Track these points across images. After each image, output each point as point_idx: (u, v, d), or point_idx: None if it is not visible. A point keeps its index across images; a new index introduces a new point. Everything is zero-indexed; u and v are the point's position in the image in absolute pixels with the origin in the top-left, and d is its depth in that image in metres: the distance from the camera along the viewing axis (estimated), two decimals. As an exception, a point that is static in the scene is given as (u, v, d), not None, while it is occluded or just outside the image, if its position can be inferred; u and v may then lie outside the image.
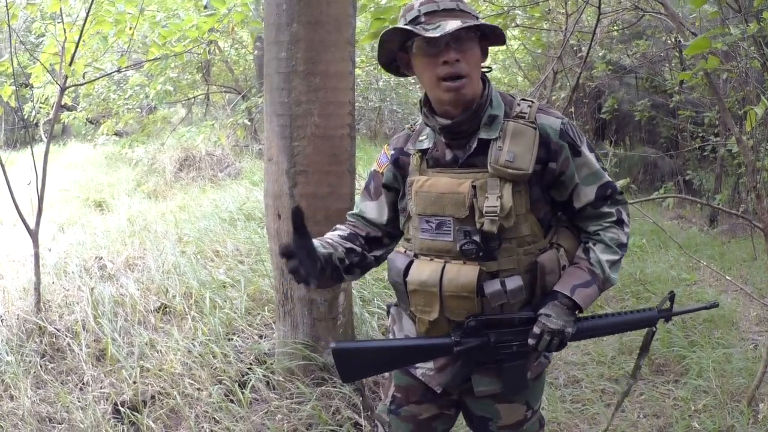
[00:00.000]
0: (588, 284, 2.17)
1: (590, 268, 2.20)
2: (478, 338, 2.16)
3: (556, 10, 9.47)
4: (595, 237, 2.25)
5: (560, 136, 2.15)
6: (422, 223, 2.19)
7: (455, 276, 2.11)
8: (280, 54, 3.89)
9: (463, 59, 2.04)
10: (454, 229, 2.13)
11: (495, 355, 2.18)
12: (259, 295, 5.43)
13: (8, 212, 8.22)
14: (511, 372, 2.23)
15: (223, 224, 7.62)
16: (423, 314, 2.19)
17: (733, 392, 4.27)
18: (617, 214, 2.26)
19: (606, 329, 2.33)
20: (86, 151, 15.37)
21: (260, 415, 3.92)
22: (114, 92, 13.13)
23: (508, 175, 2.07)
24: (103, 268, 6.24)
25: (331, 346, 2.18)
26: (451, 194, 2.11)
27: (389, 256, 2.34)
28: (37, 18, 8.17)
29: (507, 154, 2.08)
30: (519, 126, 2.12)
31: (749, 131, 6.60)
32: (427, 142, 2.23)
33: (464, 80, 2.06)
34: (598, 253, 2.22)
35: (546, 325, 2.11)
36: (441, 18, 2.02)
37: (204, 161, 12.08)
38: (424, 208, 2.17)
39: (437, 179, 2.16)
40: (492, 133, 2.12)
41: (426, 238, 2.19)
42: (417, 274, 2.17)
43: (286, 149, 3.94)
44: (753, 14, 5.98)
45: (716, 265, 7.16)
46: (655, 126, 13.28)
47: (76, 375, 4.50)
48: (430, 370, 2.31)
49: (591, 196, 2.22)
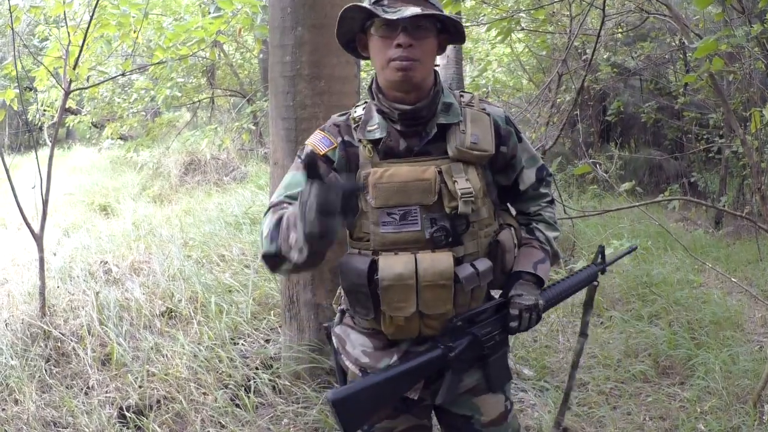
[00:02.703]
0: (544, 260, 2.30)
1: (542, 246, 2.34)
2: (465, 338, 2.16)
3: (561, 13, 9.46)
4: (536, 217, 2.39)
5: (506, 122, 2.25)
6: (383, 217, 2.10)
7: (430, 264, 2.06)
8: (284, 57, 3.90)
9: (416, 45, 2.04)
10: (421, 217, 2.09)
11: (481, 350, 2.20)
12: (265, 299, 5.43)
13: (13, 216, 8.23)
14: (495, 364, 2.25)
15: (228, 228, 7.62)
16: (397, 311, 2.09)
17: (738, 393, 4.26)
18: (550, 194, 2.43)
19: (563, 294, 2.50)
20: (91, 155, 15.39)
21: (266, 420, 3.93)
22: (119, 96, 13.15)
23: (473, 157, 2.11)
24: (108, 272, 6.24)
25: (328, 398, 2.04)
26: (416, 181, 2.07)
27: (341, 260, 2.20)
28: (41, 21, 8.18)
29: (471, 136, 2.11)
30: (475, 112, 2.17)
31: (754, 132, 6.60)
32: (378, 132, 2.16)
33: (415, 62, 2.04)
34: (544, 231, 2.37)
35: (521, 304, 2.20)
36: (403, 3, 2.02)
37: (209, 165, 12.09)
38: (386, 199, 2.08)
39: (397, 168, 2.10)
40: (452, 118, 2.15)
41: (389, 231, 2.10)
42: (389, 269, 2.07)
43: (292, 153, 3.94)
44: (756, 15, 5.98)
45: (722, 266, 7.15)
46: (660, 128, 13.26)
47: (81, 379, 4.50)
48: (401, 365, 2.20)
49: (533, 178, 2.34)
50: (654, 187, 12.62)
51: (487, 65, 12.31)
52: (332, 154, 2.20)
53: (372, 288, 2.11)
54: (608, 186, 9.10)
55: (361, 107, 2.25)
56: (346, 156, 2.20)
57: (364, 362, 2.24)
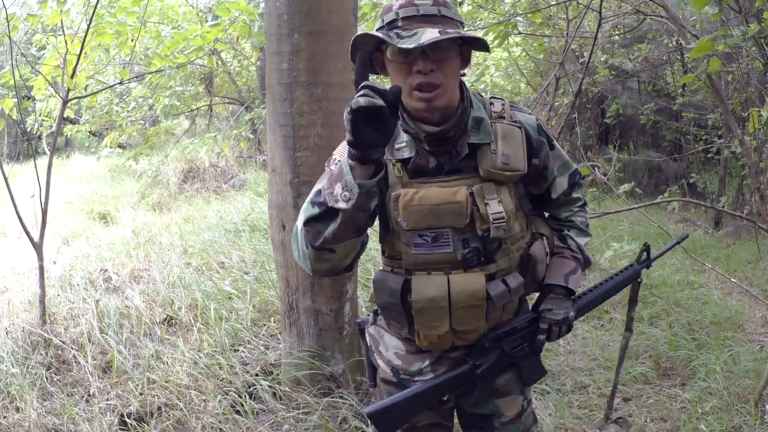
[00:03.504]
0: (575, 270, 2.28)
1: (573, 255, 2.30)
2: (493, 353, 2.17)
3: (558, 16, 9.48)
4: (568, 224, 2.35)
5: (538, 132, 2.17)
6: (415, 238, 2.07)
7: (463, 287, 2.05)
8: (281, 65, 3.89)
9: (438, 69, 1.94)
10: (453, 239, 2.05)
11: (511, 361, 2.22)
12: (265, 306, 5.43)
13: (12, 225, 8.24)
14: (528, 366, 2.28)
15: (227, 235, 7.62)
16: (430, 330, 2.11)
17: (740, 394, 4.25)
18: (582, 197, 2.39)
19: (600, 299, 2.48)
20: (90, 164, 15.42)
21: (267, 426, 3.92)
22: (117, 105, 13.16)
23: (505, 177, 2.05)
24: (108, 280, 6.24)
25: (366, 412, 2.15)
26: (447, 204, 2.02)
27: (376, 277, 2.20)
28: (38, 30, 8.19)
29: (502, 156, 2.04)
30: (506, 127, 2.09)
31: (752, 132, 6.60)
32: (407, 151, 2.08)
33: (438, 91, 1.95)
34: (575, 239, 2.33)
35: (551, 319, 2.21)
36: (419, 24, 1.89)
37: (208, 173, 12.10)
38: (417, 222, 2.04)
39: (427, 190, 2.04)
40: (484, 137, 2.06)
41: (421, 252, 2.08)
42: (422, 292, 2.07)
43: (290, 160, 3.94)
44: (753, 15, 5.99)
45: (721, 267, 7.15)
46: (659, 130, 13.28)
47: (82, 387, 4.49)
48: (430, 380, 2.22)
49: (565, 185, 2.29)
50: (653, 189, 12.64)
51: (484, 70, 12.31)
52: None
53: (406, 307, 2.11)
54: (607, 188, 9.12)
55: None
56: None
57: (396, 364, 2.27)
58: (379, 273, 2.20)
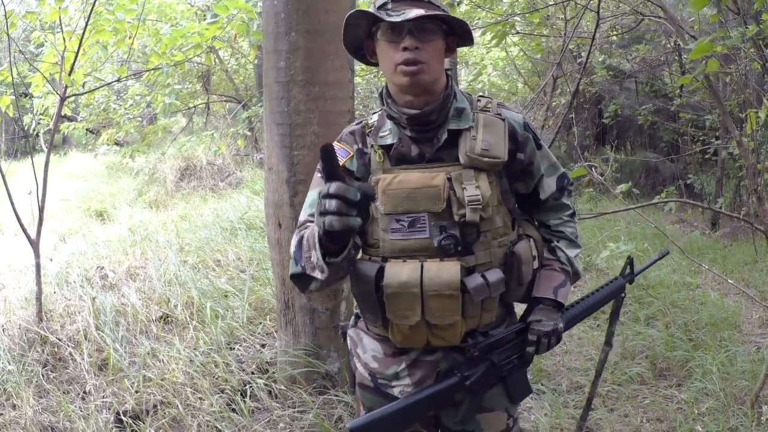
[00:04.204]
0: (564, 283, 2.25)
1: (562, 267, 2.28)
2: (483, 365, 2.14)
3: (555, 16, 9.49)
4: (558, 233, 2.33)
5: (524, 128, 2.18)
6: (392, 223, 2.07)
7: (436, 273, 2.02)
8: (278, 63, 3.89)
9: (423, 48, 2.00)
10: (430, 224, 2.05)
11: (500, 374, 2.19)
12: (261, 304, 5.44)
13: (9, 222, 8.23)
14: (515, 382, 2.24)
15: (224, 233, 7.63)
16: (402, 319, 2.08)
17: (736, 395, 4.26)
18: (572, 205, 2.37)
19: (587, 312, 2.48)
20: (87, 161, 15.41)
21: (262, 424, 3.92)
22: (114, 102, 13.15)
23: (484, 164, 2.05)
24: (104, 277, 6.24)
25: (348, 426, 2.07)
26: (425, 188, 2.03)
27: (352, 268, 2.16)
28: (36, 27, 8.18)
29: (482, 143, 2.06)
30: (489, 117, 2.11)
31: (750, 134, 6.61)
32: (390, 138, 2.13)
33: (422, 65, 2.01)
34: (565, 250, 2.30)
35: (540, 330, 2.18)
36: (407, 6, 1.98)
37: (205, 171, 12.10)
38: (394, 206, 2.05)
39: (407, 174, 2.07)
40: (463, 124, 2.09)
41: (397, 238, 2.08)
42: (394, 276, 2.04)
43: (286, 158, 3.94)
44: (752, 16, 5.99)
45: (718, 268, 7.15)
46: (656, 130, 13.28)
47: (78, 384, 4.49)
48: (408, 386, 2.21)
49: (554, 187, 2.28)
50: (650, 190, 12.63)
51: (482, 69, 12.35)
52: (350, 164, 2.18)
53: (379, 295, 2.09)
54: (604, 189, 9.12)
55: (377, 114, 2.22)
56: (364, 163, 2.18)
57: (373, 367, 2.25)
58: (356, 262, 2.17)
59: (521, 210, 2.32)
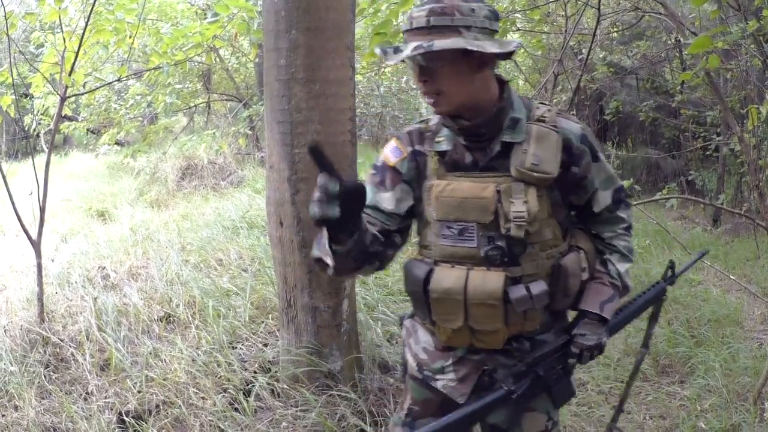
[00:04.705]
0: (612, 298, 2.24)
1: (612, 281, 2.26)
2: (528, 377, 2.16)
3: (556, 13, 9.47)
4: (610, 247, 2.30)
5: (581, 140, 2.15)
6: (443, 229, 2.14)
7: (480, 283, 2.07)
8: (279, 61, 3.88)
9: (433, 80, 2.01)
10: (478, 234, 2.09)
11: (545, 385, 2.21)
12: (263, 303, 5.43)
13: (11, 223, 8.23)
14: (559, 389, 2.26)
15: (225, 232, 7.62)
16: (445, 323, 2.15)
17: (739, 391, 4.25)
18: (628, 219, 2.32)
19: (631, 318, 2.50)
20: (88, 161, 15.40)
21: (265, 424, 3.91)
22: (115, 102, 13.15)
23: (533, 178, 2.05)
24: (106, 277, 6.24)
25: None
26: (474, 199, 2.07)
27: (406, 264, 2.27)
28: (36, 28, 8.18)
29: (532, 157, 2.05)
30: (543, 129, 2.09)
31: (751, 130, 6.59)
32: (445, 144, 2.17)
33: (437, 98, 2.03)
34: (616, 264, 2.28)
35: (583, 344, 2.19)
36: (412, 38, 1.97)
37: (206, 170, 12.09)
38: (445, 213, 2.12)
39: (459, 183, 2.11)
40: (516, 136, 2.09)
41: (447, 244, 2.14)
42: (440, 282, 2.12)
43: (287, 156, 3.93)
44: (752, 12, 5.98)
45: (720, 264, 7.14)
46: (657, 127, 13.26)
47: (80, 385, 4.49)
48: (451, 381, 2.27)
49: (609, 200, 2.25)
50: (652, 186, 12.60)
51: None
52: (401, 165, 2.24)
53: (426, 297, 2.15)
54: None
55: (438, 117, 2.22)
56: (417, 165, 2.23)
57: (422, 358, 2.33)
58: (409, 260, 2.27)
59: (576, 220, 2.32)
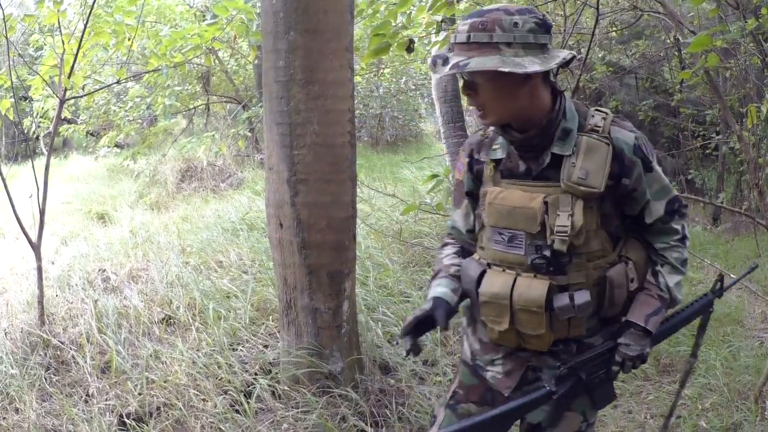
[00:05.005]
0: (658, 311, 2.23)
1: (660, 294, 2.25)
2: (570, 380, 2.19)
3: (555, 12, 9.46)
4: (662, 258, 2.28)
5: (634, 151, 2.12)
6: (495, 235, 2.22)
7: (525, 290, 2.13)
8: (278, 63, 3.88)
9: (476, 94, 2.08)
10: (526, 243, 2.15)
11: (587, 387, 2.23)
12: (263, 304, 5.43)
13: (11, 226, 8.23)
14: (600, 391, 2.29)
15: (225, 234, 7.62)
16: (493, 324, 2.24)
17: (740, 390, 4.24)
18: (682, 230, 2.29)
19: (677, 328, 2.50)
20: (87, 164, 15.39)
21: (266, 425, 3.91)
22: (114, 104, 13.14)
23: (580, 192, 2.06)
24: (106, 280, 6.24)
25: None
26: (523, 209, 2.12)
27: (463, 263, 2.37)
28: (35, 31, 8.18)
29: (580, 171, 2.06)
30: (593, 141, 2.09)
31: (750, 128, 6.59)
32: (500, 152, 2.23)
33: (482, 111, 2.11)
34: (666, 276, 2.27)
35: (626, 354, 2.20)
36: (456, 51, 2.02)
37: (206, 172, 12.10)
38: (496, 220, 2.20)
39: (510, 192, 2.17)
40: (566, 149, 2.10)
41: (498, 249, 2.22)
42: (488, 287, 2.21)
43: (287, 158, 3.93)
44: (751, 11, 5.98)
45: (720, 263, 7.13)
46: (657, 126, 13.23)
47: (81, 387, 4.49)
48: (498, 374, 2.34)
49: (661, 211, 2.23)
50: (651, 185, 12.57)
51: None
52: (466, 179, 2.38)
53: (477, 297, 2.26)
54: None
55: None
56: (474, 174, 2.34)
57: (475, 348, 2.43)
58: (468, 259, 2.37)
59: (630, 229, 2.31)
